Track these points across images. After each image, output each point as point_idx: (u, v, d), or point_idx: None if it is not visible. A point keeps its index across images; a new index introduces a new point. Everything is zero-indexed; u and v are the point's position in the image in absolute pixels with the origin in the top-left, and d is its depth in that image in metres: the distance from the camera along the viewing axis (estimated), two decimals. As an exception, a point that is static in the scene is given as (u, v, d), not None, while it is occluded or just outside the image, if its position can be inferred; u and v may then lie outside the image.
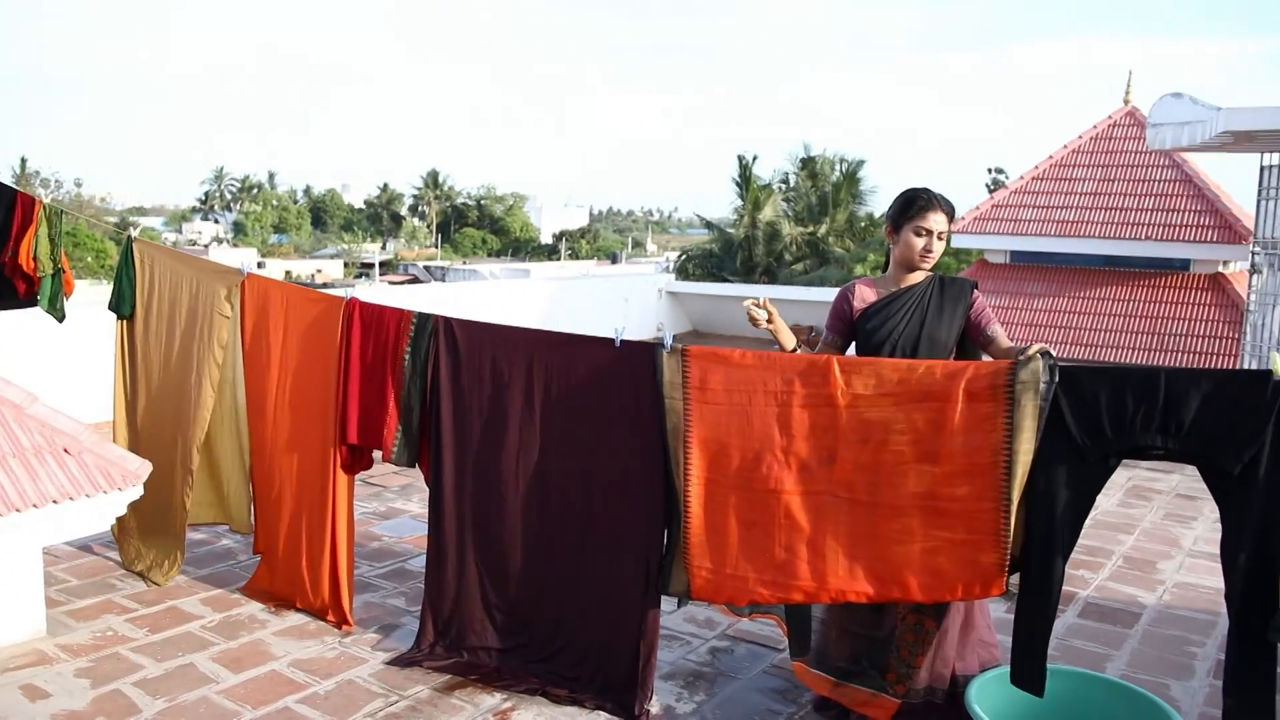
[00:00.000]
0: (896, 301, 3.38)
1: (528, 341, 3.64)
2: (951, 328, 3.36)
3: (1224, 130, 9.82)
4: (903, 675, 3.27)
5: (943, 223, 3.32)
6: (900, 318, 3.35)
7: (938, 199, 3.32)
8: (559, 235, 78.33)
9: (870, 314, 3.40)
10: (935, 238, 3.31)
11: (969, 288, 3.44)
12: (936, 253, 3.33)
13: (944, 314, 3.36)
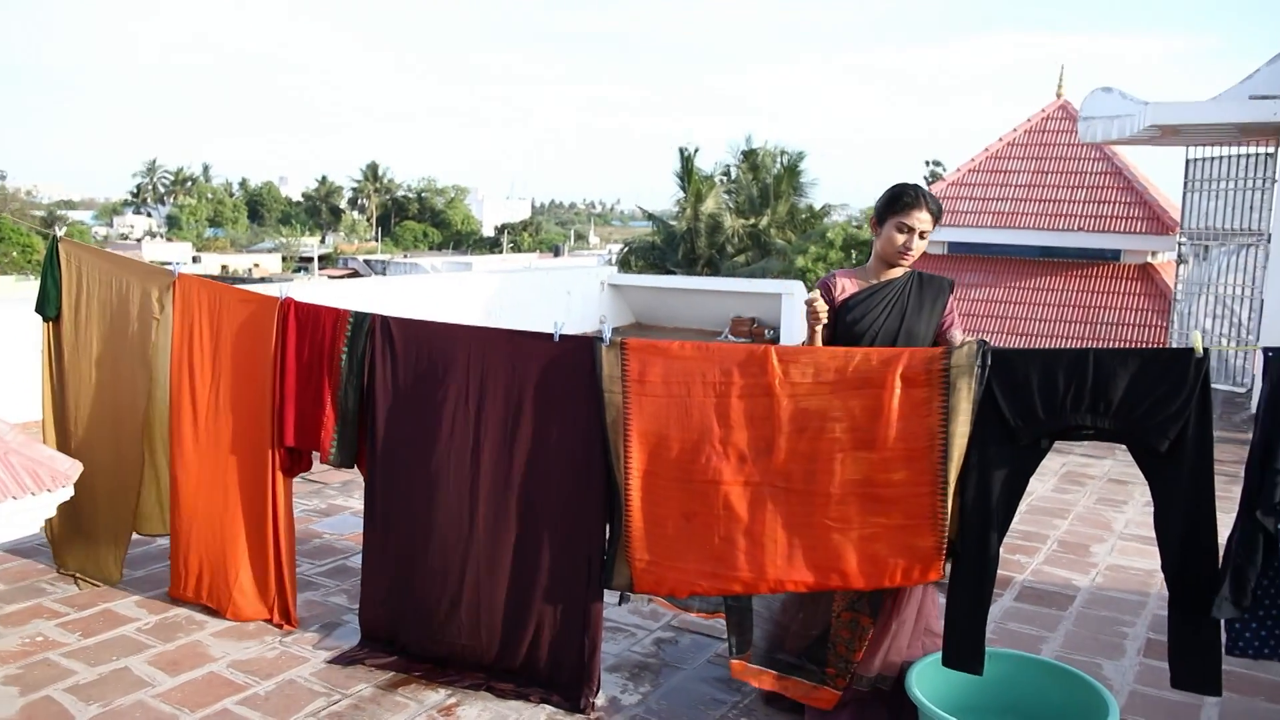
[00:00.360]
0: (877, 294, 3.41)
1: (466, 338, 3.62)
2: (930, 324, 3.40)
3: (1151, 124, 10.06)
4: (842, 670, 3.31)
5: (927, 222, 3.32)
6: (881, 311, 3.38)
7: (925, 197, 3.32)
8: (501, 228, 77.88)
9: (851, 305, 3.41)
10: (917, 236, 3.33)
11: (947, 286, 3.48)
12: (916, 251, 3.35)
13: (923, 310, 3.41)
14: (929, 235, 3.35)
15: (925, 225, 3.32)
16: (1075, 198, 19.59)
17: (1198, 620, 2.85)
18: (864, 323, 3.36)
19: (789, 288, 13.57)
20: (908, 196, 3.32)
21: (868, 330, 3.36)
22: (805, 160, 33.77)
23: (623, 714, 3.50)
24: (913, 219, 3.31)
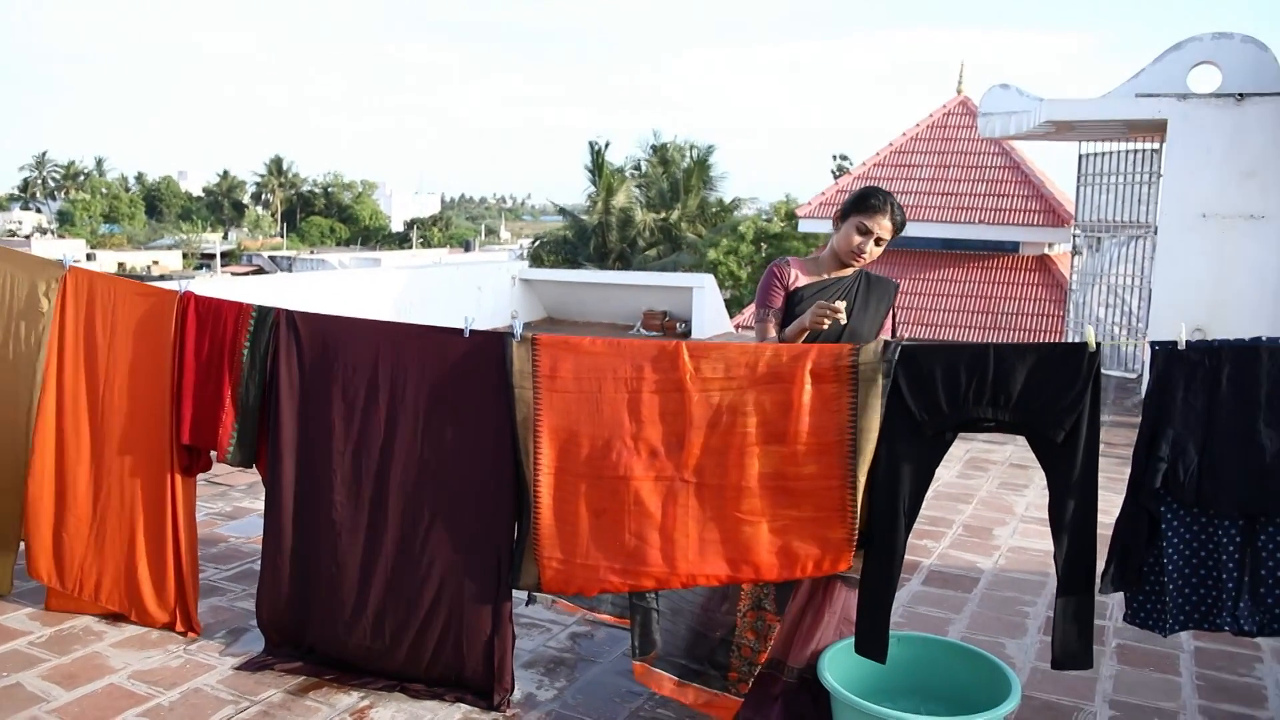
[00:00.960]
0: (828, 290, 3.42)
1: (373, 333, 3.56)
2: (874, 325, 3.44)
3: (1046, 120, 10.38)
4: (744, 674, 3.29)
5: (887, 230, 3.35)
6: None
7: (891, 206, 3.35)
8: (410, 223, 76.83)
9: (803, 296, 3.42)
10: (873, 241, 3.35)
11: (894, 290, 3.52)
12: (868, 256, 3.38)
13: (869, 310, 3.44)
14: (885, 243, 3.38)
15: (885, 233, 3.35)
16: (976, 191, 20.15)
17: (1080, 602, 2.97)
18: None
19: (700, 281, 13.66)
20: (875, 200, 3.34)
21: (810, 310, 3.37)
22: (715, 154, 34.11)
23: (538, 710, 3.50)
24: (874, 223, 3.33)
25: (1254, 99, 9.22)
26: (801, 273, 3.47)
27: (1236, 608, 2.90)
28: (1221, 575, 2.91)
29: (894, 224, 3.35)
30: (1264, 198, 9.20)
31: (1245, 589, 2.89)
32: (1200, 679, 3.84)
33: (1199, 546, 2.93)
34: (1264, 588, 2.89)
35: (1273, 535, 2.87)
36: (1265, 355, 2.80)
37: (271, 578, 3.71)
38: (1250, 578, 2.89)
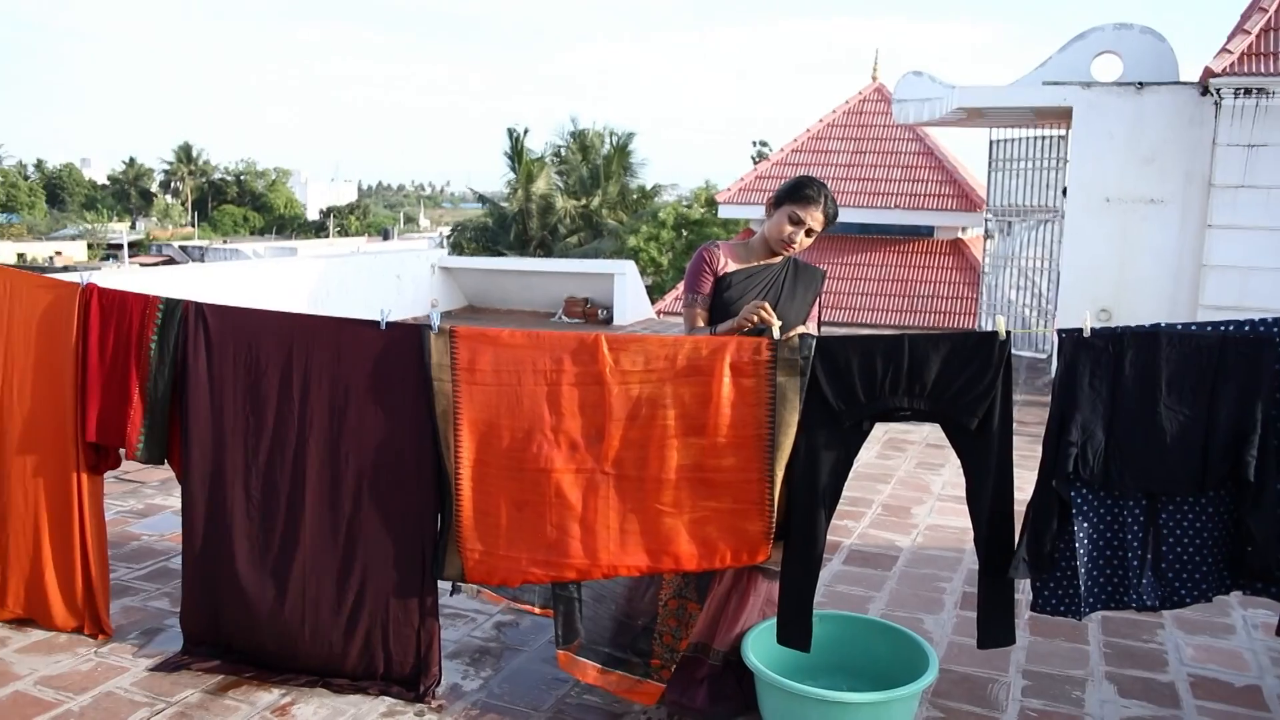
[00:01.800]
0: (756, 276, 3.42)
1: (287, 326, 3.47)
2: (800, 312, 3.45)
3: (958, 107, 10.59)
4: (666, 661, 3.32)
5: (819, 221, 3.35)
6: (757, 293, 3.39)
7: (825, 198, 3.35)
8: (327, 212, 75.30)
9: (731, 282, 3.42)
10: (804, 232, 3.35)
11: (820, 278, 3.53)
12: (798, 246, 3.38)
13: (796, 298, 3.44)
14: (816, 234, 3.39)
15: (816, 224, 3.35)
16: (891, 177, 20.51)
17: (1001, 584, 3.06)
18: (740, 302, 3.36)
19: (621, 267, 13.67)
20: (810, 191, 3.33)
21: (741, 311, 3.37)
22: (635, 141, 34.09)
23: (465, 700, 3.48)
24: (807, 214, 3.33)
25: (1153, 88, 9.54)
26: (730, 258, 3.47)
27: (1140, 584, 3.02)
28: (1127, 554, 3.01)
29: (826, 215, 3.36)
30: (1163, 183, 9.54)
31: (1148, 566, 3.01)
32: (1107, 646, 3.98)
33: (1105, 528, 3.03)
34: (1164, 563, 3.01)
35: (1172, 514, 3.00)
36: (1164, 340, 2.91)
37: (191, 576, 3.62)
38: (1153, 555, 3.01)
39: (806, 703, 3.07)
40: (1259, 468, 2.88)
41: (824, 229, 3.41)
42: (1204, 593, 3.03)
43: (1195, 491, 2.96)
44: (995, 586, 3.09)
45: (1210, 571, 3.01)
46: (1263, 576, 2.99)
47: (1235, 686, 3.69)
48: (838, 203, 3.45)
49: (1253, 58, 9.12)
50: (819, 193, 3.34)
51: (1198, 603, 3.06)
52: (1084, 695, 3.59)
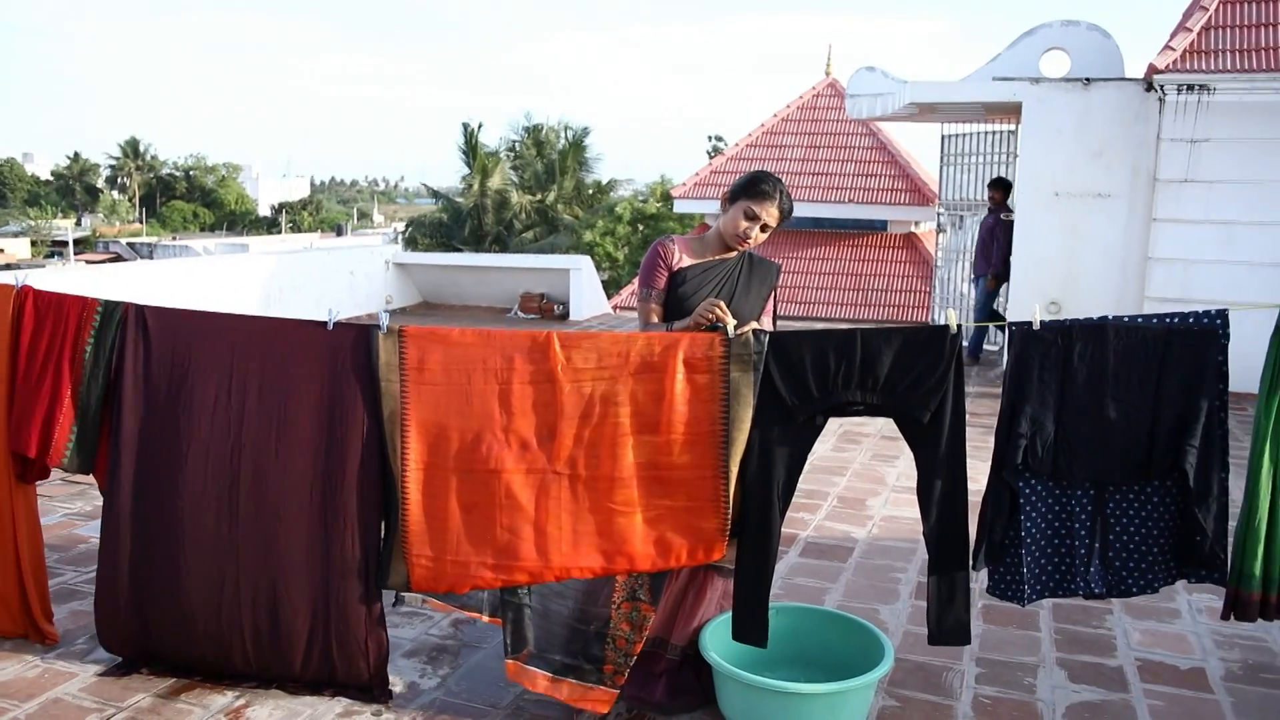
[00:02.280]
0: (711, 271, 3.41)
1: (229, 328, 3.39)
2: (755, 307, 3.44)
3: (910, 102, 10.69)
4: (620, 666, 3.24)
5: (774, 216, 3.34)
6: (712, 289, 3.38)
7: (780, 193, 3.34)
8: (279, 207, 74.34)
9: (686, 277, 3.40)
10: (759, 227, 3.34)
11: (776, 272, 3.52)
12: (753, 241, 3.37)
13: (751, 292, 3.44)
14: (771, 230, 3.38)
15: (771, 219, 3.34)
16: (845, 171, 20.66)
17: (952, 579, 3.09)
18: (695, 298, 3.36)
19: (577, 263, 13.64)
20: (765, 186, 3.33)
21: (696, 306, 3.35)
22: (590, 136, 33.99)
23: (422, 698, 3.46)
24: (762, 209, 3.32)
25: (1099, 83, 9.70)
26: (686, 253, 3.46)
27: (1088, 573, 3.08)
28: (1074, 543, 3.07)
29: (781, 211, 3.36)
30: (1110, 177, 9.71)
31: (1096, 554, 3.07)
32: (1058, 633, 4.05)
33: (1053, 518, 3.08)
34: (1112, 551, 3.08)
35: (1119, 503, 3.06)
36: (1111, 332, 2.98)
37: (109, 587, 3.46)
38: (1100, 544, 3.07)
39: (765, 695, 3.09)
40: (1203, 456, 2.94)
41: (779, 224, 3.42)
42: (1150, 583, 3.09)
43: (1141, 480, 3.03)
44: (947, 582, 3.10)
45: (1156, 562, 3.06)
46: (1208, 565, 3.06)
47: (1181, 669, 3.77)
48: (792, 197, 3.46)
49: (1195, 55, 9.30)
50: (774, 188, 3.34)
51: (1144, 593, 3.12)
52: (1036, 681, 3.65)
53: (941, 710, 3.44)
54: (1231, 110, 9.04)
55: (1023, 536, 3.06)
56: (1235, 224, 9.17)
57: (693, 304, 3.36)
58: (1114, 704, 3.50)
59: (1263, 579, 3.03)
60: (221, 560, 3.37)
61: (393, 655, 3.75)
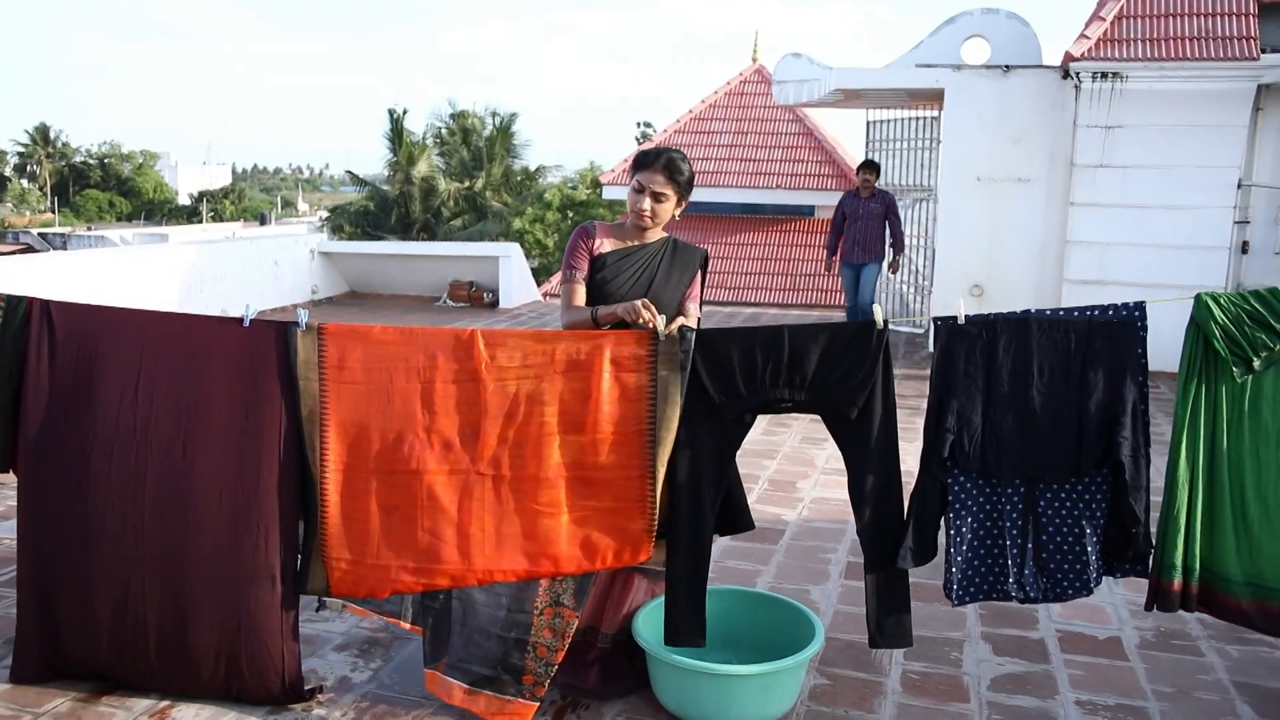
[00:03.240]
0: (632, 257, 3.38)
1: (140, 325, 3.26)
2: (676, 293, 3.40)
3: (835, 88, 10.80)
4: (540, 677, 3.15)
5: (661, 184, 3.27)
6: (632, 274, 3.35)
7: (662, 159, 3.27)
8: (199, 196, 72.50)
9: (606, 263, 3.37)
10: (649, 197, 3.28)
11: (700, 259, 3.45)
12: (650, 213, 3.30)
13: (672, 278, 3.40)
14: (668, 200, 3.31)
15: (660, 187, 3.27)
16: (773, 157, 20.80)
17: (890, 579, 3.07)
18: (614, 283, 3.34)
19: (506, 250, 13.55)
20: (646, 157, 3.30)
21: (616, 292, 3.33)
22: (518, 122, 33.75)
23: (354, 693, 3.42)
24: (648, 179, 3.27)
25: (1019, 70, 9.91)
26: (607, 238, 3.42)
27: (1021, 575, 3.08)
28: (1006, 543, 3.08)
29: (669, 177, 3.28)
30: (1029, 162, 9.94)
31: (1029, 556, 3.08)
32: (982, 608, 4.15)
33: (984, 517, 3.08)
34: (1045, 553, 3.08)
35: (1050, 501, 3.07)
36: (1034, 326, 3.00)
37: (24, 596, 3.33)
38: (1033, 544, 3.08)
39: (698, 678, 3.12)
40: (1134, 447, 2.97)
41: (679, 193, 3.34)
42: (1085, 584, 3.08)
43: (1071, 475, 3.04)
44: (884, 581, 3.08)
45: (1091, 563, 3.06)
46: (1142, 556, 3.08)
47: (1099, 639, 3.90)
48: (691, 166, 3.38)
49: (1108, 43, 9.55)
50: (655, 156, 3.30)
51: (1079, 596, 3.10)
52: (962, 656, 3.74)
53: (871, 686, 3.50)
54: (1143, 97, 9.31)
55: (952, 535, 3.07)
56: (1148, 208, 9.45)
57: (612, 289, 3.33)
58: (1036, 674, 3.61)
59: (1182, 569, 3.06)
60: (127, 565, 3.24)
61: (323, 649, 3.72)
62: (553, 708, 3.32)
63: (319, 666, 3.58)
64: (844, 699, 3.42)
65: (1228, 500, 3.02)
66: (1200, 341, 2.99)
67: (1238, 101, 9.20)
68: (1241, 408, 2.99)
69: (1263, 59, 9.11)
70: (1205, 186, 9.30)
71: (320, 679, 3.48)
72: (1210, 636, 3.90)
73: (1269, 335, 2.92)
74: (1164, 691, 3.50)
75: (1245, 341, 2.93)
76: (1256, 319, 2.92)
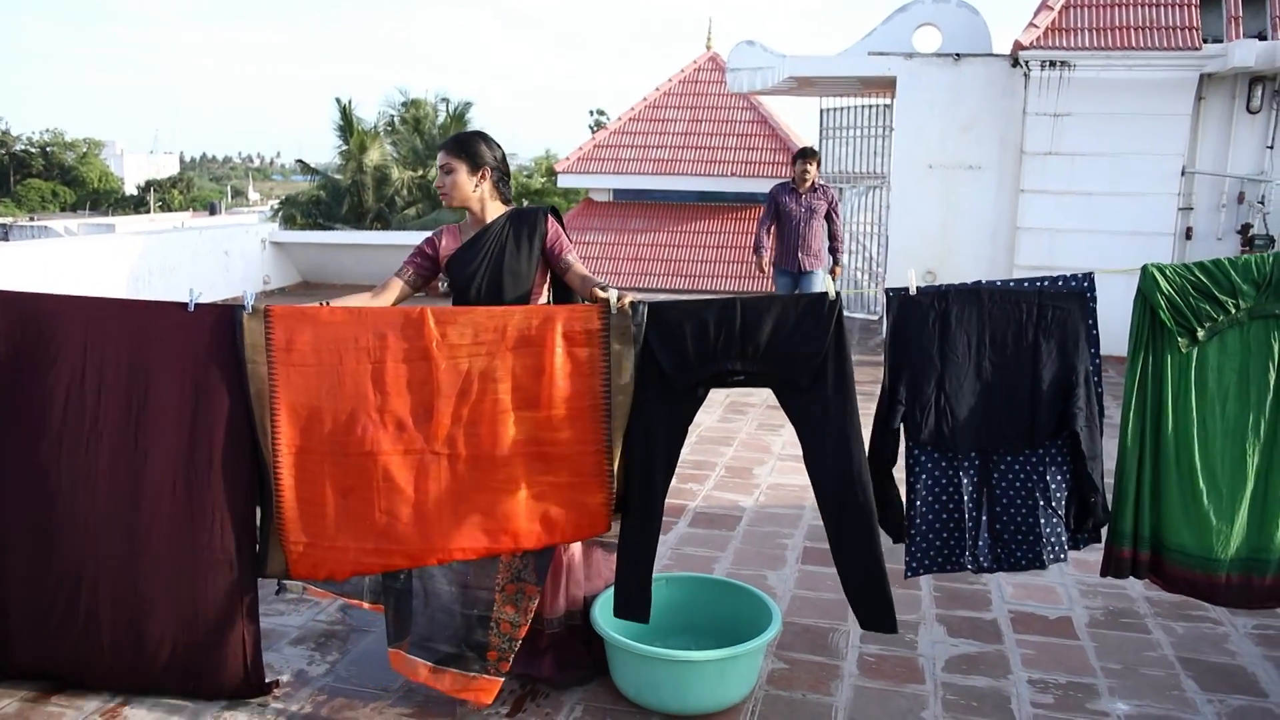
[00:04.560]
0: (474, 245, 3.38)
1: (84, 311, 3.19)
2: (530, 259, 3.37)
3: (788, 76, 10.84)
4: (504, 652, 3.16)
5: (443, 158, 3.34)
6: (479, 260, 3.35)
7: (453, 138, 3.39)
8: (146, 185, 71.11)
9: (453, 263, 3.39)
10: (440, 172, 3.35)
11: (541, 215, 3.42)
12: (447, 189, 3.36)
13: (520, 247, 3.36)
14: (458, 171, 3.32)
15: (443, 160, 3.34)
16: (728, 145, 20.83)
17: (865, 559, 3.02)
18: (466, 274, 3.34)
19: (462, 239, 13.46)
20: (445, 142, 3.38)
21: (471, 283, 3.33)
22: (473, 110, 33.42)
23: (311, 686, 3.40)
24: (438, 158, 3.36)
25: (969, 59, 10.02)
26: (452, 239, 3.45)
27: (976, 546, 3.12)
28: (961, 516, 3.11)
29: (450, 151, 3.34)
30: (980, 149, 10.06)
31: (984, 528, 3.11)
32: (937, 590, 4.21)
33: (940, 490, 3.11)
34: (999, 524, 3.12)
35: (1005, 474, 3.10)
36: (985, 296, 3.03)
37: None
38: (988, 516, 3.11)
39: (657, 664, 3.14)
40: (1089, 417, 3.00)
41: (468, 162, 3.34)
42: (1038, 556, 3.10)
43: (1025, 447, 3.06)
44: (857, 565, 3.03)
45: (1044, 535, 3.08)
46: (1101, 522, 3.13)
47: (1050, 619, 3.97)
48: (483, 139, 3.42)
49: (1056, 32, 9.67)
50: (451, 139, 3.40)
51: (1033, 568, 3.13)
52: (917, 638, 3.80)
53: (828, 670, 3.54)
54: (1090, 86, 9.45)
55: (910, 511, 3.10)
56: (1096, 195, 9.61)
57: (463, 282, 3.35)
58: (989, 655, 3.67)
59: (1133, 537, 3.11)
60: (78, 558, 3.18)
61: (279, 643, 3.69)
62: (512, 697, 3.32)
63: (275, 660, 3.54)
64: (801, 682, 3.46)
65: (1173, 471, 3.05)
66: (1147, 313, 3.02)
67: (1181, 90, 9.37)
68: (1188, 378, 3.02)
69: (1204, 49, 9.28)
70: (1150, 174, 9.47)
71: (277, 673, 3.45)
72: (1157, 614, 3.99)
73: (1213, 306, 2.96)
74: (1112, 668, 3.58)
75: (1190, 312, 2.96)
76: (1201, 290, 2.96)
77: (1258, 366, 2.99)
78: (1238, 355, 2.99)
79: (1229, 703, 3.36)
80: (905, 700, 3.36)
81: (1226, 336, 2.99)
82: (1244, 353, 2.99)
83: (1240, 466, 3.02)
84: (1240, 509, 3.03)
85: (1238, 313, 2.96)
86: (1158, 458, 3.07)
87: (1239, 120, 9.67)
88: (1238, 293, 2.94)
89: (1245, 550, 3.05)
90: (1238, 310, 2.96)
